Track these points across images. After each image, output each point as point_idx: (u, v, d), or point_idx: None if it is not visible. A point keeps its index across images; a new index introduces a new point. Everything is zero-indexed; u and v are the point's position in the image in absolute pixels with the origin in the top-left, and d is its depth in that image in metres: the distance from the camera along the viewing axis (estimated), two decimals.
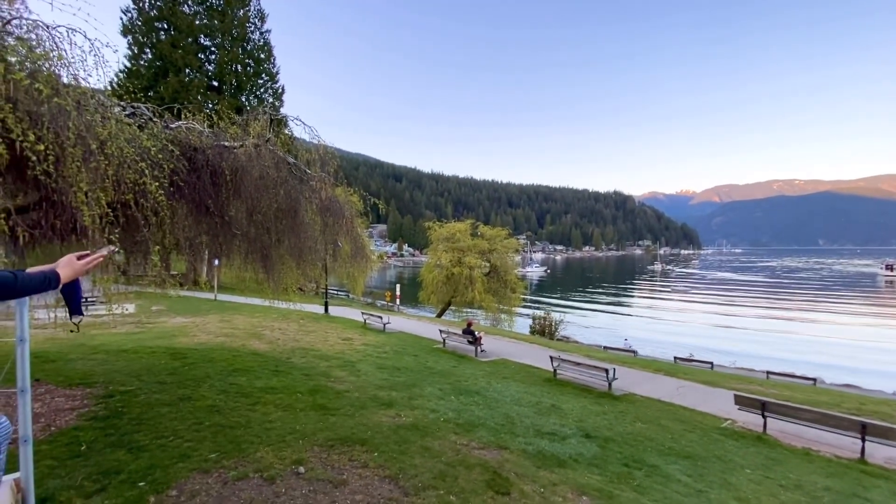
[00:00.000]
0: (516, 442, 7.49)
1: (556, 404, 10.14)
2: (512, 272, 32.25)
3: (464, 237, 31.35)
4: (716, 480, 6.65)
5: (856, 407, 11.30)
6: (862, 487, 6.73)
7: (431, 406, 9.16)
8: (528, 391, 11.20)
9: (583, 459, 6.99)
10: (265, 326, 18.46)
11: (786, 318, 48.27)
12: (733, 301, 63.54)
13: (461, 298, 30.52)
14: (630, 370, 14.57)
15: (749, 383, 14.30)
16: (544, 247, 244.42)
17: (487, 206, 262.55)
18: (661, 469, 6.88)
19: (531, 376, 13.07)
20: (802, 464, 7.63)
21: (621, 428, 8.80)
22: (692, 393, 12.18)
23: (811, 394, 13.27)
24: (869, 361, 27.96)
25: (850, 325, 43.41)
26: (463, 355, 15.58)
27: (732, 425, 9.52)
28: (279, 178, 7.25)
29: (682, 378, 13.99)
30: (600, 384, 12.04)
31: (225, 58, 34.35)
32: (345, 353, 14.38)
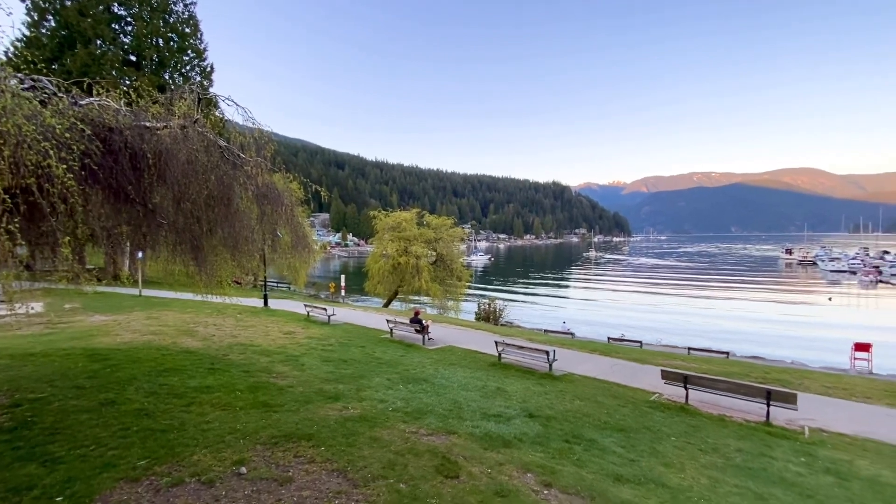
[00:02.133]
0: (464, 426, 7.66)
1: (501, 387, 10.47)
2: (458, 261, 32.66)
3: (410, 226, 31.19)
4: (646, 449, 7.22)
5: (761, 376, 12.72)
6: (767, 447, 7.62)
7: (380, 396, 9.10)
8: (475, 376, 11.46)
9: (527, 438, 7.29)
10: (198, 322, 17.33)
11: (703, 298, 53.15)
12: (658, 284, 68.88)
13: (408, 288, 30.46)
14: (569, 351, 15.36)
15: (673, 359, 15.61)
16: (488, 235, 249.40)
17: (433, 196, 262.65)
18: (598, 442, 7.35)
19: (477, 361, 13.39)
20: (718, 429, 8.49)
21: (562, 406, 9.28)
22: (624, 370, 13.09)
23: (725, 366, 14.75)
24: (772, 335, 31.57)
25: (756, 303, 48.70)
26: (411, 344, 15.61)
27: (660, 398, 10.37)
28: (210, 162, 6.74)
29: (615, 357, 14.98)
30: (542, 366, 12.59)
31: (143, 30, 31.20)
32: (287, 347, 13.88)
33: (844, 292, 55.62)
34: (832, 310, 44.06)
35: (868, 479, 6.48)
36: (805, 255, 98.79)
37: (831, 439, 8.12)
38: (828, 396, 10.89)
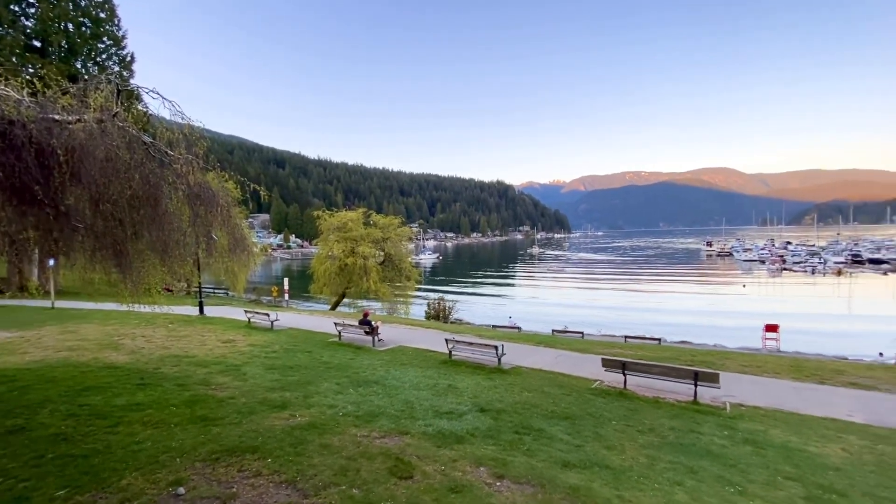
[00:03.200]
0: (417, 426, 7.64)
1: (452, 384, 10.56)
2: (406, 260, 32.50)
3: (356, 226, 30.57)
4: (590, 435, 7.60)
5: (689, 359, 13.81)
6: (696, 424, 8.29)
7: (329, 402, 8.86)
8: (426, 374, 11.48)
9: (479, 433, 7.42)
10: (123, 335, 15.91)
11: (635, 289, 56.91)
12: (596, 277, 72.84)
13: (356, 289, 29.86)
14: (516, 345, 15.79)
15: (612, 347, 16.55)
16: (436, 234, 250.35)
17: (379, 195, 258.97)
18: (546, 431, 7.63)
19: (428, 360, 13.41)
20: (653, 410, 9.12)
21: (511, 399, 9.53)
22: (568, 360, 13.69)
23: (658, 351, 15.88)
24: (696, 320, 34.40)
25: (683, 292, 52.88)
26: (360, 346, 15.32)
27: (601, 385, 10.95)
28: (133, 160, 6.20)
29: (560, 348, 15.62)
30: (491, 361, 12.86)
31: (49, 13, 28.01)
32: (227, 356, 13.11)
33: (755, 280, 61.83)
34: (746, 295, 48.86)
35: (780, 445, 7.26)
36: (723, 248, 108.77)
37: (749, 412, 9.00)
38: (744, 374, 12.04)
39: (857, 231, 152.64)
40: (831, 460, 6.71)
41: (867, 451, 7.09)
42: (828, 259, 70.56)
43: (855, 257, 71.45)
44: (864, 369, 13.01)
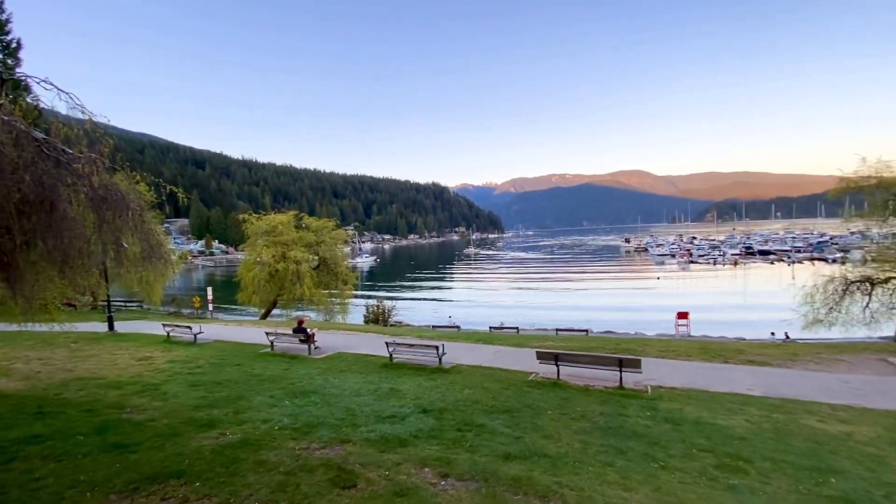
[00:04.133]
0: (359, 433, 7.48)
1: (394, 387, 10.47)
2: (342, 264, 31.58)
3: (287, 230, 29.17)
4: (528, 426, 7.91)
5: (614, 348, 14.85)
6: (622, 407, 8.94)
7: (263, 416, 8.38)
8: (367, 380, 11.26)
9: (422, 434, 7.43)
10: (15, 358, 13.90)
11: (564, 284, 60.20)
12: (528, 275, 76.06)
13: (289, 296, 28.49)
14: (456, 344, 16.01)
15: (545, 340, 17.36)
16: (373, 236, 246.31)
17: (311, 197, 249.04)
18: (487, 426, 7.82)
19: (369, 365, 13.17)
20: (585, 398, 9.70)
21: (453, 397, 9.65)
22: (505, 356, 14.13)
23: (586, 342, 16.90)
24: (619, 312, 37.11)
25: (606, 286, 56.80)
26: (295, 356, 14.66)
27: (536, 377, 11.44)
28: (23, 159, 5.44)
29: (497, 344, 16.09)
30: (432, 361, 12.92)
31: None
32: (143, 375, 11.93)
33: (668, 272, 68.00)
34: (660, 287, 53.58)
35: (694, 421, 8.05)
36: (639, 244, 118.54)
37: (667, 393, 9.88)
38: (662, 358, 13.20)
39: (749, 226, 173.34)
40: (737, 431, 7.57)
41: (765, 420, 8.09)
42: (726, 252, 79.60)
43: (748, 249, 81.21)
44: (760, 348, 14.83)
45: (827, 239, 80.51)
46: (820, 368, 11.78)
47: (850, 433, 7.39)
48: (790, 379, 10.89)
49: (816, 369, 11.72)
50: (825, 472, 5.98)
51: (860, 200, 18.19)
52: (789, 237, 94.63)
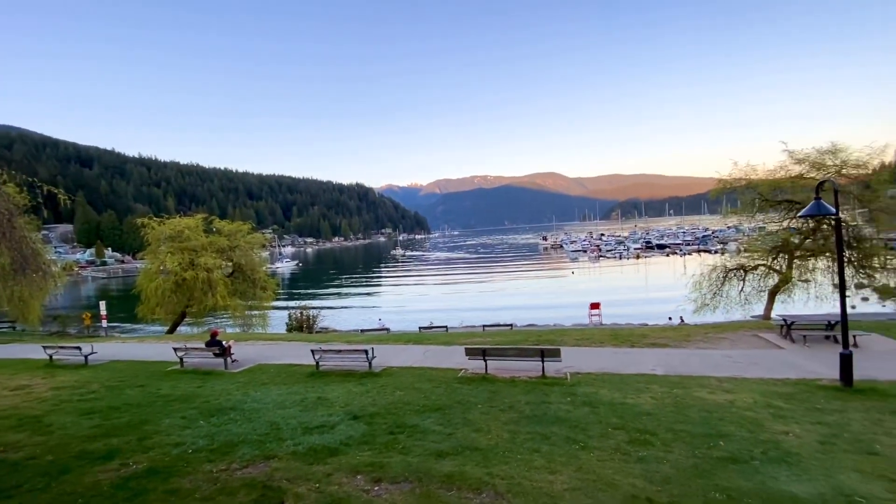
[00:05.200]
0: (285, 447, 7.11)
1: (322, 396, 10.08)
2: (260, 269, 29.66)
3: (195, 234, 26.74)
4: (459, 421, 8.06)
5: (536, 339, 15.68)
6: (545, 395, 9.46)
7: (174, 440, 7.62)
8: (292, 391, 10.72)
9: (353, 441, 7.25)
10: None
11: (488, 281, 62.36)
12: (455, 273, 77.66)
13: (200, 306, 26.14)
14: (386, 346, 15.84)
15: (473, 337, 17.80)
16: (294, 240, 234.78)
17: (222, 199, 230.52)
18: (419, 426, 7.84)
19: (293, 375, 12.54)
20: (511, 389, 10.10)
21: (384, 401, 9.53)
22: (435, 354, 14.27)
23: (511, 336, 17.64)
24: (539, 305, 39.24)
25: (527, 281, 59.77)
26: (210, 371, 13.51)
27: (466, 373, 11.70)
28: None
29: (427, 344, 16.19)
30: (362, 365, 12.65)
31: None
32: (20, 407, 10.24)
33: (581, 267, 73.29)
34: (575, 280, 57.60)
35: (608, 402, 8.76)
36: (555, 241, 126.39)
37: (584, 379, 10.64)
38: (578, 347, 14.19)
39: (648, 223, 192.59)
40: (644, 408, 8.38)
41: (667, 395, 9.04)
42: (630, 247, 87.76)
43: (647, 244, 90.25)
44: (660, 331, 16.54)
45: (710, 233, 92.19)
46: (708, 347, 13.45)
47: (733, 401, 8.53)
48: (685, 357, 12.30)
49: (706, 347, 13.36)
50: (715, 437, 6.84)
51: (735, 199, 21.07)
52: (680, 232, 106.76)
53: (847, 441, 6.56)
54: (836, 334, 12.28)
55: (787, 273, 17.94)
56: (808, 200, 10.81)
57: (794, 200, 17.32)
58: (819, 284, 17.80)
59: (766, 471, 5.71)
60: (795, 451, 6.24)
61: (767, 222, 19.22)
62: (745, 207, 19.61)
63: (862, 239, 16.84)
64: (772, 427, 7.18)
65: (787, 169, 17.82)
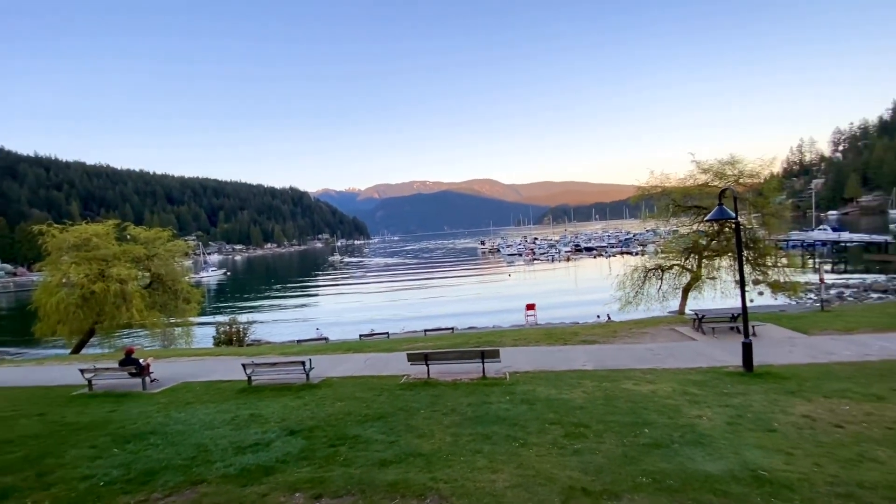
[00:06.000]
0: (214, 469, 6.63)
1: (255, 412, 9.53)
2: (183, 280, 27.36)
3: (106, 243, 24.11)
4: (402, 428, 8.00)
5: (476, 342, 15.99)
6: (486, 396, 9.68)
7: (82, 472, 6.81)
8: (222, 409, 10.02)
9: (291, 458, 6.93)
10: None
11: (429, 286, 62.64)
12: (395, 279, 77.10)
13: (112, 322, 23.60)
14: (325, 356, 15.33)
15: (415, 342, 17.78)
16: (221, 247, 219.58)
17: (138, 203, 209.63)
18: (361, 437, 7.68)
19: (222, 392, 11.72)
20: (453, 392, 10.21)
21: (324, 413, 9.21)
22: (377, 362, 14.07)
23: (452, 339, 17.85)
24: (479, 308, 40.03)
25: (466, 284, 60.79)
26: (125, 393, 12.24)
27: (408, 379, 11.65)
28: None
29: (368, 351, 15.90)
30: (299, 378, 12.12)
31: None
32: None
33: (517, 269, 75.87)
34: (512, 283, 59.54)
35: (544, 399, 9.15)
36: (492, 246, 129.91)
37: (522, 377, 11.03)
38: (516, 347, 14.69)
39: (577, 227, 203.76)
40: (577, 402, 8.85)
41: (597, 389, 9.62)
42: (561, 250, 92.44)
43: (577, 247, 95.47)
44: (590, 329, 17.57)
45: (631, 236, 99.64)
46: (632, 341, 14.52)
47: (655, 391, 9.28)
48: (613, 352, 13.19)
49: (630, 342, 14.42)
50: (641, 425, 7.39)
51: (652, 205, 23.01)
52: (606, 236, 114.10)
53: (750, 421, 7.39)
54: (738, 325, 13.77)
55: (697, 272, 19.85)
56: (713, 206, 12.07)
57: (702, 206, 19.24)
58: (724, 281, 19.88)
59: (685, 453, 6.27)
60: (708, 433, 6.91)
61: (680, 226, 21.18)
62: (660, 212, 21.49)
63: (757, 240, 19.10)
64: (688, 412, 7.90)
65: (695, 178, 19.77)
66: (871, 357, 11.11)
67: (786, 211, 21.22)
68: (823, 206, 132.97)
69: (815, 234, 66.57)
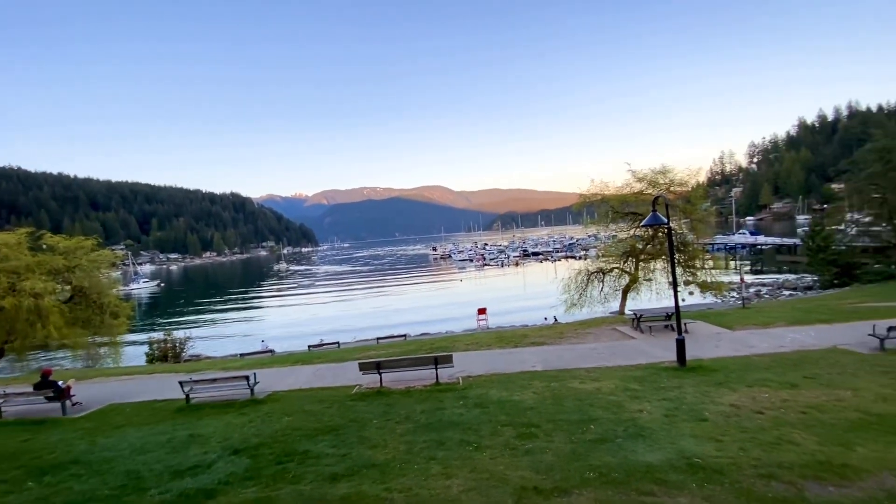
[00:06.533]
0: (148, 497, 6.17)
1: (194, 433, 8.93)
2: (110, 293, 24.97)
3: (17, 253, 21.44)
4: (354, 440, 7.83)
5: (429, 348, 16.00)
6: (440, 402, 9.69)
7: None
8: (156, 431, 9.30)
9: (235, 479, 6.57)
10: None
11: (381, 293, 61.91)
12: (345, 287, 75.46)
13: (26, 341, 21.10)
14: (270, 370, 14.68)
15: (367, 351, 17.49)
16: (154, 257, 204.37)
17: (56, 209, 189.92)
18: (311, 451, 7.42)
19: (157, 413, 10.89)
20: (406, 400, 10.12)
21: (270, 429, 8.81)
22: (327, 373, 13.66)
23: (405, 346, 17.74)
24: (431, 313, 40.06)
25: (418, 291, 60.69)
26: (42, 420, 11.04)
27: (360, 389, 11.41)
28: None
29: (318, 363, 15.41)
30: (243, 393, 11.51)
31: None
32: None
33: (468, 275, 76.85)
34: (464, 288, 60.17)
35: (497, 401, 9.31)
36: (444, 252, 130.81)
37: (475, 381, 11.17)
38: (469, 351, 14.85)
39: (524, 233, 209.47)
40: (527, 403, 9.08)
41: (546, 389, 9.93)
42: (510, 255, 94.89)
43: (524, 252, 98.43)
44: (538, 331, 18.13)
45: (575, 241, 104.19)
46: (578, 341, 15.16)
47: (600, 388, 9.73)
48: (560, 353, 13.69)
49: (576, 342, 15.04)
50: (587, 422, 7.72)
51: (593, 211, 24.23)
52: (551, 241, 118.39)
53: (684, 412, 7.94)
54: (672, 323, 14.77)
55: (635, 274, 21.11)
56: (648, 212, 12.92)
57: (638, 212, 20.53)
58: (659, 282, 21.28)
59: (628, 446, 6.62)
60: (648, 426, 7.35)
61: (619, 231, 22.48)
62: (601, 219, 22.70)
63: (687, 244, 20.65)
64: (630, 407, 8.36)
65: (631, 186, 21.10)
66: (785, 348, 12.34)
67: (711, 217, 23.21)
68: (742, 213, 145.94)
69: (736, 238, 73.01)
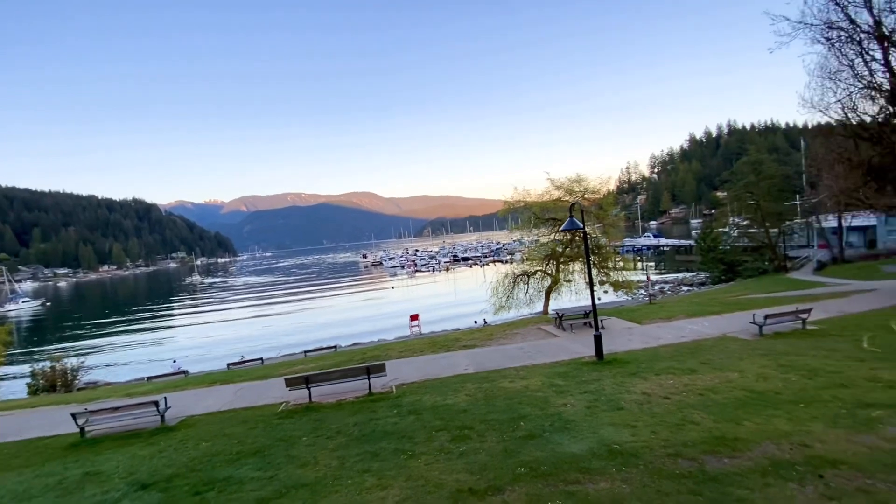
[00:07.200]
0: None
1: (91, 470, 7.88)
2: None
3: None
4: (282, 461, 7.40)
5: (361, 358, 15.65)
6: (373, 412, 9.50)
7: None
8: (43, 472, 8.05)
9: None
10: None
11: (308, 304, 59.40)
12: (268, 299, 71.29)
13: None
14: (184, 392, 13.43)
15: (294, 365, 16.65)
16: (36, 272, 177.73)
17: None
18: (233, 477, 6.90)
19: (43, 451, 9.43)
20: (337, 413, 9.79)
21: (184, 458, 8.04)
22: (250, 392, 12.79)
23: (335, 357, 17.16)
24: (363, 322, 39.19)
25: (348, 299, 59.12)
26: None
27: (287, 406, 10.83)
28: None
29: (239, 381, 14.38)
30: (151, 421, 10.38)
31: None
32: None
33: (400, 281, 76.44)
34: (396, 295, 59.71)
35: (431, 407, 9.35)
36: (374, 259, 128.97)
37: (409, 389, 11.12)
38: (402, 358, 14.77)
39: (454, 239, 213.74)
40: (461, 406, 9.23)
41: (478, 391, 10.17)
42: (441, 260, 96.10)
43: (455, 258, 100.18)
44: (469, 334, 18.52)
45: (501, 246, 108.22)
46: (507, 342, 15.73)
47: (527, 386, 10.17)
48: (490, 354, 14.10)
49: (505, 343, 15.60)
50: (517, 420, 8.03)
51: (517, 217, 25.43)
52: (479, 246, 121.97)
53: (604, 403, 8.56)
54: (590, 321, 15.89)
55: (556, 275, 22.45)
56: (566, 218, 13.82)
57: (557, 218, 21.91)
58: (577, 283, 22.82)
59: (554, 439, 6.99)
60: (572, 419, 7.82)
61: (540, 236, 23.82)
62: (524, 224, 23.92)
63: (601, 247, 22.42)
64: (555, 402, 8.84)
65: (550, 193, 22.51)
66: (686, 338, 13.83)
67: (620, 221, 25.45)
68: (647, 217, 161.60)
69: (642, 241, 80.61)
